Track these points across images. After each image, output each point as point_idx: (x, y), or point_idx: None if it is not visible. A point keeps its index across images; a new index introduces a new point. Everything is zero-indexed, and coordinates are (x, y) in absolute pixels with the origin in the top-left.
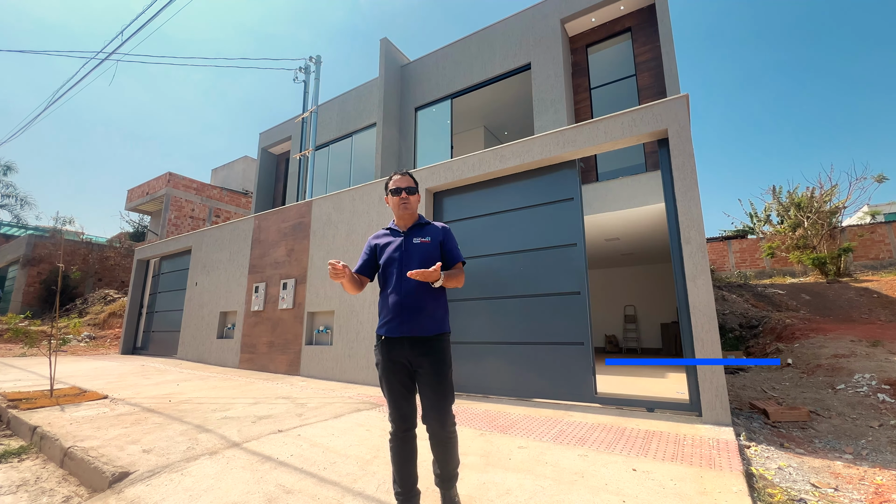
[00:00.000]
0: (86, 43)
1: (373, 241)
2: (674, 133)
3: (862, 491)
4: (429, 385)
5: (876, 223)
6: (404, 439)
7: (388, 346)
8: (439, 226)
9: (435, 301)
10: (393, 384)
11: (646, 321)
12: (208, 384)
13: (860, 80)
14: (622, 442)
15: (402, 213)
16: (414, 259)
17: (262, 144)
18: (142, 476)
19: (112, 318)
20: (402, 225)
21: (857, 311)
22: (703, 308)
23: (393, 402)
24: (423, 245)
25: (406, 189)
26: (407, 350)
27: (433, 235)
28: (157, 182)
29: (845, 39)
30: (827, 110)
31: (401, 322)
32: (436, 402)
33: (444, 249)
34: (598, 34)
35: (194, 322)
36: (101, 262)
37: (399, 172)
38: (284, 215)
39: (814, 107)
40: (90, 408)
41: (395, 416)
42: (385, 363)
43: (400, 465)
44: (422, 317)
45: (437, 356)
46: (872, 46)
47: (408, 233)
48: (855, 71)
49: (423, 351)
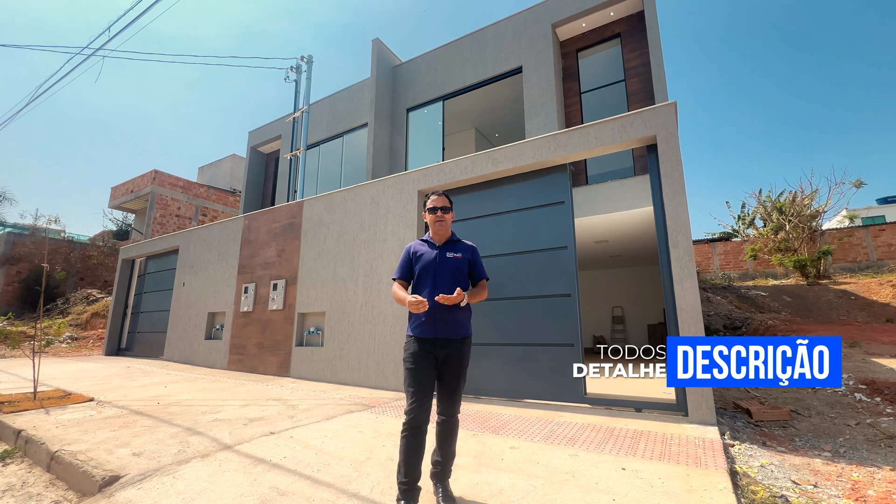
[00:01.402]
0: (71, 38)
1: (411, 250)
2: (662, 139)
3: (839, 487)
4: (452, 376)
5: (854, 227)
6: (419, 431)
7: (420, 344)
8: (469, 245)
9: (461, 309)
10: (419, 377)
11: (633, 322)
12: (197, 386)
13: (840, 87)
14: (611, 442)
15: (438, 228)
16: (446, 272)
17: (252, 143)
18: (133, 480)
19: (95, 319)
20: (438, 239)
21: (835, 313)
22: (690, 310)
23: (416, 393)
24: (455, 260)
25: (441, 208)
26: (439, 348)
27: (464, 252)
28: (142, 180)
29: (827, 49)
30: (809, 116)
31: (433, 326)
32: (454, 390)
33: (472, 267)
34: (588, 39)
35: (182, 323)
36: (83, 260)
37: (437, 193)
38: (275, 215)
39: (797, 113)
40: (76, 411)
41: (416, 406)
42: (415, 359)
43: (409, 456)
44: (451, 322)
45: (461, 354)
46: (852, 56)
47: (442, 247)
48: (835, 79)
49: (451, 350)
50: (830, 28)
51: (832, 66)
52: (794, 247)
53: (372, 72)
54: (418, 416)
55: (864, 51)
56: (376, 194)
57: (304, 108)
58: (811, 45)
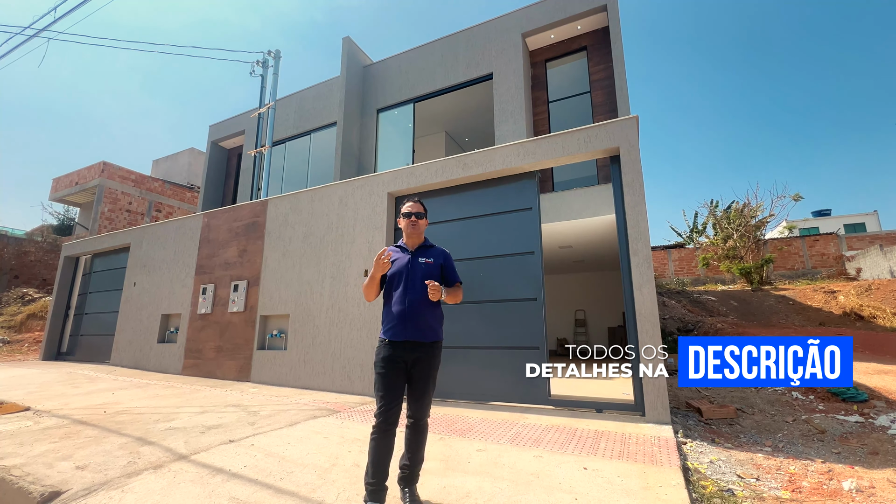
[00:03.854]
0: (13, 15)
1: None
2: (625, 151)
3: (778, 480)
4: (421, 380)
5: (793, 237)
6: (387, 433)
7: (391, 348)
8: (441, 250)
9: (433, 313)
10: (390, 380)
11: (594, 325)
12: (148, 392)
13: (787, 105)
14: (574, 442)
15: (411, 232)
16: (418, 276)
17: (212, 137)
18: (76, 495)
19: (31, 321)
20: (411, 244)
21: (776, 317)
22: (648, 315)
23: (386, 397)
24: (427, 265)
25: (416, 214)
26: (408, 352)
27: (436, 258)
28: (88, 171)
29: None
30: (755, 130)
31: (405, 328)
32: (423, 395)
33: (445, 271)
34: (556, 50)
35: (131, 325)
36: (18, 257)
37: (411, 199)
38: (237, 214)
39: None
40: (9, 421)
41: (385, 410)
42: (386, 362)
43: (378, 458)
44: (422, 325)
45: (430, 358)
46: (797, 76)
47: (415, 252)
48: (782, 94)
49: (421, 353)
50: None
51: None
52: (741, 255)
53: (342, 70)
54: (387, 418)
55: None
56: (345, 195)
57: (270, 103)
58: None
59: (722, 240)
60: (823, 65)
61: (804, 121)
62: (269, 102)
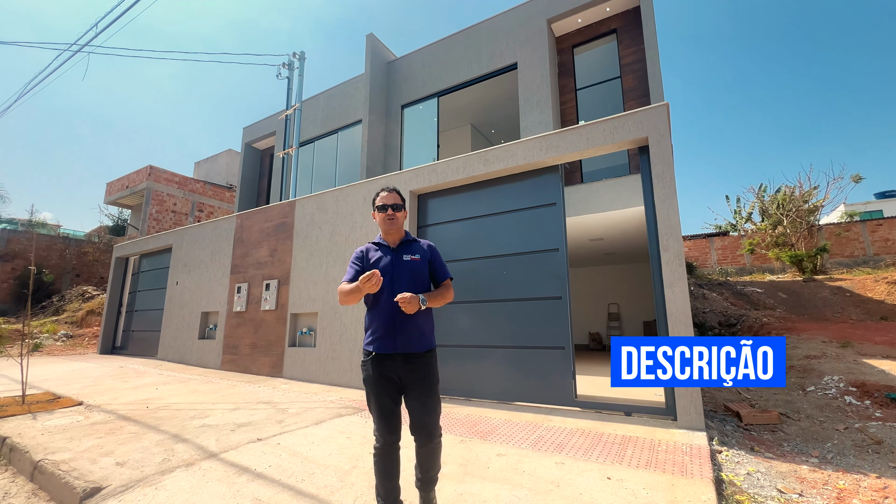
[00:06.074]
0: (59, 32)
1: (364, 253)
2: (654, 141)
3: (825, 496)
4: (418, 400)
5: (851, 222)
6: (390, 453)
7: (379, 362)
8: (425, 244)
9: (425, 318)
10: (382, 399)
11: (628, 319)
12: (188, 388)
13: (841, 82)
14: (599, 448)
15: (389, 228)
16: (404, 276)
17: (246, 139)
18: (114, 491)
19: (90, 316)
20: (391, 241)
21: (830, 310)
22: (679, 315)
23: (381, 416)
24: (413, 262)
25: (392, 206)
26: (398, 366)
27: (422, 254)
28: (137, 175)
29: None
30: (809, 112)
31: (393, 339)
32: (425, 416)
33: (433, 268)
34: (584, 35)
35: (175, 322)
36: (78, 257)
37: (386, 189)
38: (267, 215)
39: (798, 107)
40: (63, 416)
41: (383, 431)
42: (374, 379)
43: (385, 479)
44: (412, 333)
45: (426, 372)
46: (852, 50)
47: (398, 249)
48: (834, 75)
49: (414, 367)
50: (833, 20)
51: (833, 59)
52: (792, 241)
53: (366, 68)
54: (385, 441)
55: (864, 45)
56: (368, 195)
57: (296, 105)
58: (812, 38)
59: (771, 226)
60: (887, 31)
61: (863, 96)
62: (296, 104)
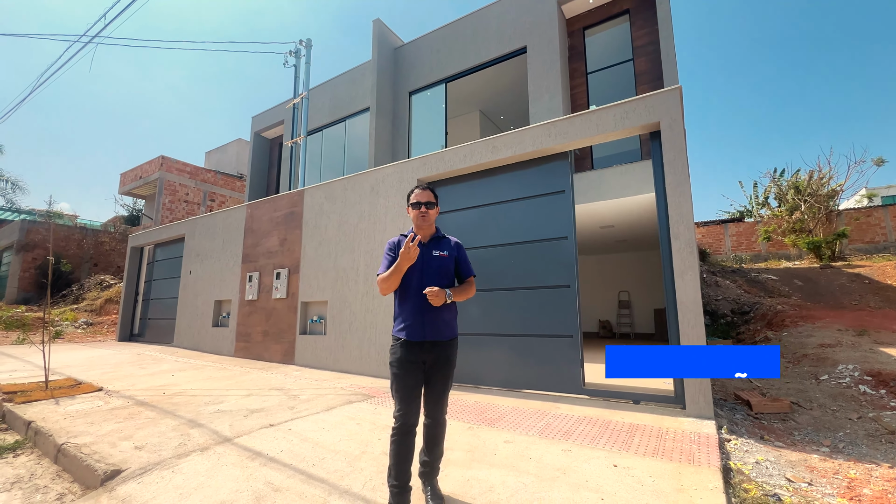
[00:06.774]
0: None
1: (396, 247)
2: (666, 126)
3: (835, 485)
4: (439, 381)
5: (872, 206)
6: (408, 434)
7: (408, 348)
8: (453, 241)
9: (449, 310)
10: (408, 382)
11: (639, 307)
12: (203, 374)
13: (862, 66)
14: (606, 436)
15: (422, 224)
16: (433, 271)
17: (255, 128)
18: (133, 474)
19: (109, 304)
20: (422, 235)
21: (847, 298)
22: (690, 304)
23: (404, 398)
24: (441, 258)
25: (426, 203)
26: (426, 352)
27: (450, 251)
28: (149, 166)
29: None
30: (830, 95)
31: (422, 328)
32: (441, 394)
33: (458, 264)
34: (595, 16)
35: (189, 310)
36: (96, 247)
37: (420, 187)
38: (276, 204)
39: (817, 90)
40: (84, 401)
41: (404, 412)
42: (403, 363)
43: (400, 460)
44: (439, 323)
45: (449, 358)
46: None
47: (427, 245)
48: (857, 57)
49: (439, 353)
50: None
51: (858, 44)
52: (810, 227)
53: (373, 54)
54: (407, 420)
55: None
56: (375, 183)
57: (303, 93)
58: (832, 20)
59: (787, 211)
60: None
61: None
62: (303, 92)
